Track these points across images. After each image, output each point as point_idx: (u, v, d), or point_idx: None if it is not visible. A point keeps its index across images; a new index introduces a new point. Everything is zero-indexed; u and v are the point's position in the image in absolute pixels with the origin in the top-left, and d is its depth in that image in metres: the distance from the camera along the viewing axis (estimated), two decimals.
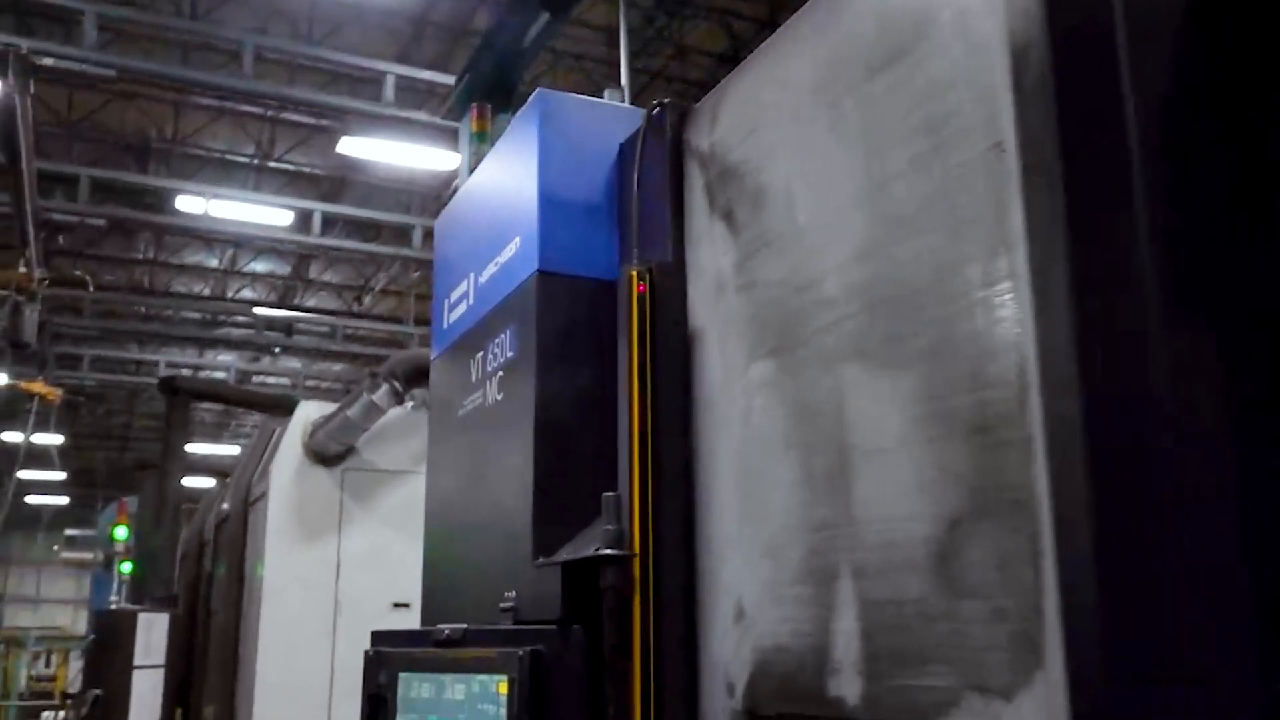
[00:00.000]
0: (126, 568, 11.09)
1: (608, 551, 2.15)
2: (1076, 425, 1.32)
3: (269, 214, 13.94)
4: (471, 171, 4.00)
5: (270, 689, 6.62)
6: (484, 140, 6.26)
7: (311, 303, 18.61)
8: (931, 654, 1.52)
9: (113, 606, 9.87)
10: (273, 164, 15.04)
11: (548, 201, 2.54)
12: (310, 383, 19.71)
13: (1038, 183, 1.42)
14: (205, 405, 17.19)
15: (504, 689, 2.27)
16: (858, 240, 1.79)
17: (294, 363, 19.42)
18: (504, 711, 2.27)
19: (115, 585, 12.08)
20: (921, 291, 1.63)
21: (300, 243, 14.46)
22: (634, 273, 2.25)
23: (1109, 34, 1.37)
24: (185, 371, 18.58)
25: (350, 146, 11.73)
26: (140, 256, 16.77)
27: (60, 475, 19.70)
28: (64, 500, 25.88)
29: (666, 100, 2.44)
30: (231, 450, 20.29)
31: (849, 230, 1.81)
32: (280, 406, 8.59)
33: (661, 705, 2.12)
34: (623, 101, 7.24)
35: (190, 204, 13.49)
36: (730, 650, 2.04)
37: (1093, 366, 1.32)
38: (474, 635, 2.48)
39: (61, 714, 14.87)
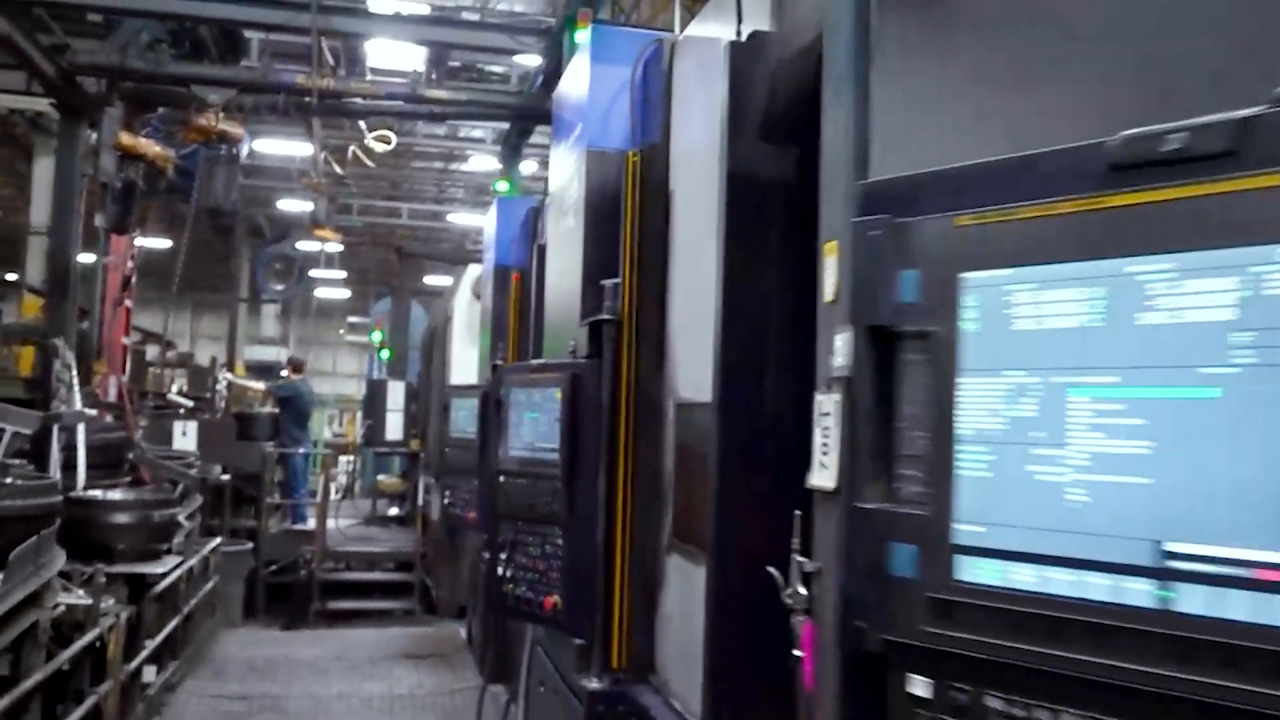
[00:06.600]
0: (385, 354, 17.07)
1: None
2: None
3: None
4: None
5: None
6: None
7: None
8: None
9: (376, 378, 15.81)
10: None
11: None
12: None
13: None
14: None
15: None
16: None
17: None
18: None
19: (377, 365, 18.24)
20: None
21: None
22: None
23: None
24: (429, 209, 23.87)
25: None
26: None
27: (341, 274, 26.14)
28: (346, 294, 32.53)
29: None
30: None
31: None
32: (465, 262, 13.80)
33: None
34: None
35: None
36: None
37: None
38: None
39: (355, 457, 19.38)
